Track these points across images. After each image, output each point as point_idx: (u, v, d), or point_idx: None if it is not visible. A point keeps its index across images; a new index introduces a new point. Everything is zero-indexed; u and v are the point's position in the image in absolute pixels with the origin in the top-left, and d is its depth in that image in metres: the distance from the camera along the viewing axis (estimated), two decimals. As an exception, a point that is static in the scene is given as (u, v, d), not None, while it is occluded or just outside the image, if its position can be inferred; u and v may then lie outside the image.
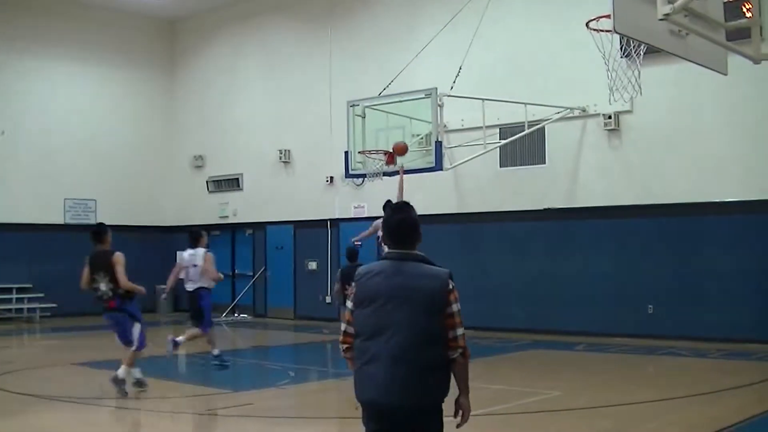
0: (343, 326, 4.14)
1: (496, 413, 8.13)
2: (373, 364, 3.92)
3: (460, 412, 4.02)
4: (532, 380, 10.86)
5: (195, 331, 11.59)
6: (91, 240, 9.42)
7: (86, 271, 9.27)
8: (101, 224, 9.80)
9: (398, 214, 4.12)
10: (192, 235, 11.83)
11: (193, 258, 11.61)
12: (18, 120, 20.60)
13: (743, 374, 10.88)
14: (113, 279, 9.10)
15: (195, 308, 11.59)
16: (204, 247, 11.76)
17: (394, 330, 3.88)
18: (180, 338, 11.45)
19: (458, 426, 4.08)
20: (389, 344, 3.88)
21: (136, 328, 9.29)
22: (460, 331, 3.94)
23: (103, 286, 9.16)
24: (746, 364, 11.89)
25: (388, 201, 10.62)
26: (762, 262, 13.43)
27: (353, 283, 4.11)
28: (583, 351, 13.73)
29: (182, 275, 11.70)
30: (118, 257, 9.17)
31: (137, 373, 9.35)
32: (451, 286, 3.95)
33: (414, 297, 3.89)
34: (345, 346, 4.11)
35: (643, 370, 12.14)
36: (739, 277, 13.66)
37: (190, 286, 11.62)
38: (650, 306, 14.50)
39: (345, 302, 4.28)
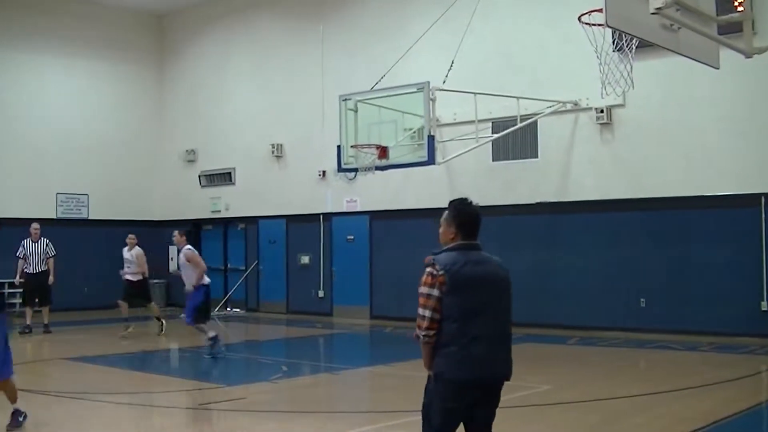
0: (428, 313, 4.30)
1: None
2: (475, 345, 4.27)
3: None
4: (522, 374, 10.75)
5: None
6: None
7: None
8: None
9: (472, 207, 4.50)
10: None
11: None
12: (8, 115, 20.48)
13: (734, 368, 10.91)
14: None
15: None
16: None
17: (491, 312, 4.35)
18: None
19: None
20: (489, 325, 4.33)
21: None
22: None
23: None
24: (737, 358, 11.93)
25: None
26: (753, 256, 13.46)
27: (441, 273, 4.28)
28: (575, 345, 13.77)
29: None
30: None
31: None
32: None
33: (499, 282, 4.44)
34: (432, 332, 4.31)
35: (634, 363, 12.18)
36: (731, 270, 13.69)
37: None
38: (642, 299, 14.54)
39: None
